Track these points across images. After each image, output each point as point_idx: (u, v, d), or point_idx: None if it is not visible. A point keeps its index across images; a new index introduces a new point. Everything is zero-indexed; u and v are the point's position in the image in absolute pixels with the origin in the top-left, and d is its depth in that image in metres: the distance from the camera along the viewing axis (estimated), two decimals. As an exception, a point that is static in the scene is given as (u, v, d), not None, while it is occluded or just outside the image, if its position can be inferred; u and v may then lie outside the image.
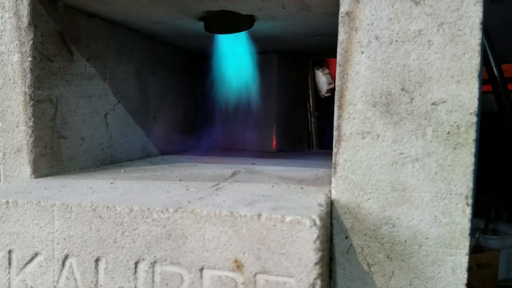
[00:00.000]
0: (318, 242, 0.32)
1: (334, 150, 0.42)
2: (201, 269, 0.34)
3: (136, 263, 0.35)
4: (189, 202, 0.37)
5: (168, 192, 0.42)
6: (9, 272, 0.37)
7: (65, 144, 0.55)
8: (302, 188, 0.45)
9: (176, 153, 0.83)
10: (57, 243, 0.36)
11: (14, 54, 0.48)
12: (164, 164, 0.66)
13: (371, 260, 0.41)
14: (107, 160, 0.64)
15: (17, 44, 0.48)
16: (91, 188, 0.43)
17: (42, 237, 0.37)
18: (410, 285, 0.40)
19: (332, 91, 1.52)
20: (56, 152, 0.53)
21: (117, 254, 0.35)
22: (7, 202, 0.37)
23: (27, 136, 0.49)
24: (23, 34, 0.48)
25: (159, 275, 0.35)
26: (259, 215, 0.33)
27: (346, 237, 0.41)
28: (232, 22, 0.58)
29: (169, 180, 0.50)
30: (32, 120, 0.49)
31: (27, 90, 0.49)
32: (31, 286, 0.37)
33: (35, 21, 0.48)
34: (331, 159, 0.43)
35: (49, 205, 0.36)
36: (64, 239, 0.36)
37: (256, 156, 0.81)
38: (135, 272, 0.35)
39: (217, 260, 0.34)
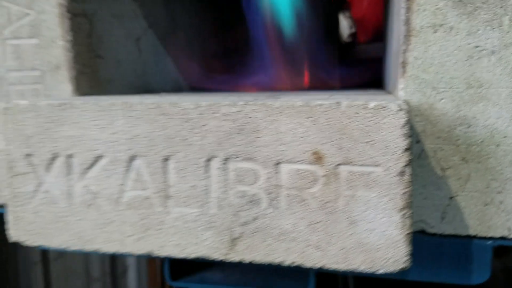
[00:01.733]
0: (406, 128, 0.30)
1: (402, 47, 0.39)
2: (277, 164, 0.32)
3: (208, 161, 0.33)
4: (255, 99, 0.34)
5: (229, 97, 0.40)
6: (70, 179, 0.36)
7: (102, 64, 0.52)
8: (367, 94, 0.43)
9: (207, 90, 0.80)
10: (121, 144, 0.34)
11: (47, -38, 0.45)
12: (203, 95, 0.64)
13: (445, 164, 0.39)
14: (142, 88, 0.61)
15: (49, -50, 0.44)
16: (145, 97, 0.41)
17: (104, 139, 0.35)
18: (487, 188, 0.38)
19: (353, 36, 1.46)
20: (95, 72, 0.50)
21: (187, 152, 0.33)
22: (63, 104, 0.35)
23: (66, 52, 0.46)
24: None
25: (233, 172, 0.33)
26: (338, 103, 0.31)
27: (418, 141, 0.39)
28: None
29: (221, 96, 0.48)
30: (70, 34, 0.46)
31: (63, 1, 0.45)
32: (96, 192, 0.35)
33: None
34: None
35: (109, 104, 0.34)
36: (129, 139, 0.34)
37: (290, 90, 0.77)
38: (207, 170, 0.33)
39: (294, 153, 0.32)
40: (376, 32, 1.45)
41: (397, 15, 0.44)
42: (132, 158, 0.34)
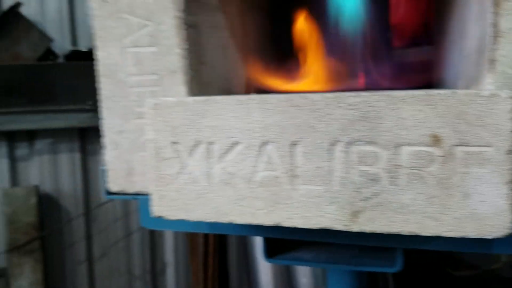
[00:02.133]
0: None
1: (490, 46, 0.44)
2: (397, 146, 0.37)
3: (332, 145, 0.39)
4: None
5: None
6: (210, 162, 0.42)
7: (204, 69, 0.58)
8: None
9: (272, 91, 0.86)
10: (255, 132, 0.40)
11: (167, -21, 0.52)
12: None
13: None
14: (227, 91, 0.68)
15: (170, -32, 0.51)
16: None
17: (240, 128, 0.41)
18: None
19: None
20: (200, 77, 0.57)
21: (314, 138, 0.39)
22: (207, 100, 0.41)
23: (182, 59, 0.53)
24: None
25: (355, 154, 0.38)
26: (454, 92, 0.36)
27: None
28: None
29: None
30: (185, 43, 0.53)
31: (179, 14, 0.52)
32: (232, 173, 0.41)
33: None
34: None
35: (246, 98, 0.40)
36: (262, 128, 0.40)
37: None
38: (331, 153, 0.39)
39: (413, 137, 0.37)
40: (412, 38, 1.49)
41: (479, 20, 0.49)
42: (264, 144, 0.40)
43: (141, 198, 0.56)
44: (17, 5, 1.78)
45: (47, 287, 1.94)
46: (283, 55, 0.99)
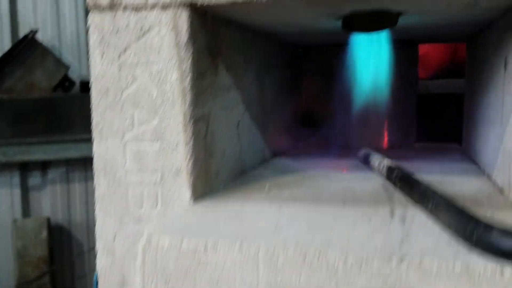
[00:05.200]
0: None
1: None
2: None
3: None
4: (400, 248, 0.33)
5: (354, 226, 0.39)
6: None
7: (213, 161, 0.52)
8: (492, 217, 0.41)
9: (287, 154, 0.80)
10: (265, 288, 0.34)
11: (173, 72, 0.46)
12: (293, 174, 0.63)
13: None
14: (239, 170, 0.62)
15: (176, 61, 0.46)
16: (267, 220, 0.41)
17: (245, 284, 0.34)
18: None
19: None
20: (207, 171, 0.51)
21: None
22: (205, 248, 0.35)
23: (187, 157, 0.47)
24: (182, 51, 0.45)
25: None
26: (502, 272, 0.29)
27: None
28: (378, 20, 0.53)
29: (329, 202, 0.47)
30: (192, 140, 0.47)
31: (187, 109, 0.46)
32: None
33: (193, 36, 0.46)
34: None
35: (252, 252, 0.34)
36: (270, 285, 0.34)
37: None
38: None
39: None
40: (439, 70, 1.43)
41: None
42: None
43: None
44: (32, 33, 1.76)
45: (56, 321, 1.90)
46: (311, 116, 0.93)
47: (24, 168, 1.93)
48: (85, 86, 1.90)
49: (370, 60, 0.78)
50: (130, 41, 0.46)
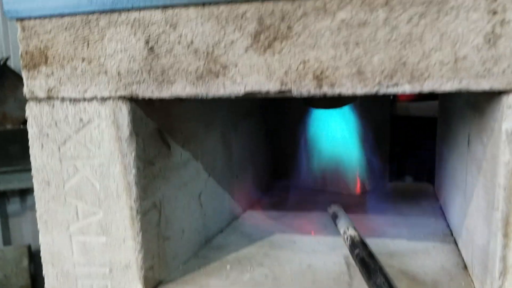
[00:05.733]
0: None
1: (497, 282, 0.35)
2: None
3: None
4: None
5: None
6: None
7: (169, 245, 0.50)
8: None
9: (259, 208, 0.78)
10: None
11: (115, 166, 0.44)
12: (259, 241, 0.61)
13: None
14: (202, 241, 0.59)
15: (118, 155, 0.43)
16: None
17: None
18: None
19: (394, 94, 1.43)
20: (162, 258, 0.49)
21: None
22: None
23: (136, 252, 0.45)
24: (124, 145, 0.43)
25: None
26: None
27: None
28: (338, 99, 0.52)
29: (290, 290, 0.45)
30: (140, 234, 0.45)
31: (133, 204, 0.44)
32: None
33: (136, 129, 0.43)
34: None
35: None
36: None
37: (342, 203, 0.73)
38: None
39: None
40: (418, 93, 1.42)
41: (487, 223, 0.40)
42: None
43: None
44: (3, 60, 1.72)
45: None
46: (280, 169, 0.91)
47: (2, 195, 1.90)
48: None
49: (337, 119, 0.76)
50: (70, 133, 0.44)
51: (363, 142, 0.82)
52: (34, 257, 1.89)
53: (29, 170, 1.68)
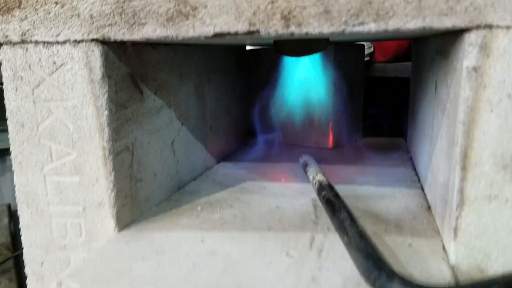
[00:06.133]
0: None
1: (455, 213, 0.38)
2: None
3: None
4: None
5: (269, 263, 0.40)
6: None
7: (141, 187, 0.52)
8: (410, 245, 0.42)
9: (232, 159, 0.80)
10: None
11: (88, 108, 0.45)
12: (230, 187, 0.63)
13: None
14: (175, 187, 0.62)
15: (90, 97, 0.44)
16: (186, 257, 0.41)
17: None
18: None
19: (371, 55, 1.44)
20: (135, 199, 0.51)
21: None
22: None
23: (109, 191, 0.47)
24: (96, 87, 0.44)
25: None
26: None
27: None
28: (308, 45, 0.53)
29: (255, 228, 0.48)
30: (112, 174, 0.46)
31: (105, 144, 0.45)
32: None
33: (108, 72, 0.44)
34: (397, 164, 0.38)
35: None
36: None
37: (314, 155, 0.76)
38: None
39: None
40: (395, 55, 1.44)
41: (448, 160, 0.43)
42: None
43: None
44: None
45: (21, 306, 1.91)
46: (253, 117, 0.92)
47: (-20, 155, 1.88)
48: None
49: (311, 67, 0.78)
50: (43, 76, 0.45)
51: (337, 98, 0.84)
52: (13, 216, 1.89)
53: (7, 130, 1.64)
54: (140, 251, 0.43)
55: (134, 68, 0.49)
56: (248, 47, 0.95)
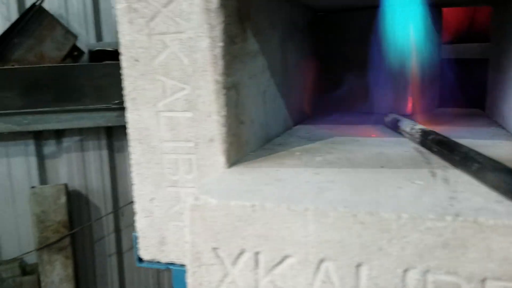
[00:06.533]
0: None
1: None
2: (483, 280, 0.31)
3: (405, 271, 0.33)
4: (451, 205, 0.34)
5: (398, 187, 0.39)
6: (256, 273, 0.37)
7: (243, 129, 0.52)
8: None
9: (309, 122, 0.80)
10: (311, 247, 0.35)
11: (203, 40, 0.45)
12: (320, 141, 0.63)
13: None
14: (264, 139, 0.62)
15: (206, 28, 0.45)
16: (308, 183, 0.41)
17: (293, 241, 0.35)
18: None
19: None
20: (239, 139, 0.51)
21: (382, 261, 0.33)
22: (254, 206, 0.36)
23: (220, 126, 0.47)
24: (212, 17, 0.44)
25: (431, 284, 0.33)
26: None
27: None
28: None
29: (366, 166, 0.47)
30: (224, 109, 0.47)
31: (218, 78, 0.46)
32: (281, 287, 0.36)
33: (222, 1, 0.45)
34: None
35: (302, 209, 0.34)
36: (320, 243, 0.35)
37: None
38: (403, 280, 0.33)
39: (504, 272, 0.31)
40: (457, 34, 1.40)
41: None
42: (321, 261, 0.35)
43: (175, 269, 0.52)
44: (39, 2, 1.73)
45: (77, 282, 1.98)
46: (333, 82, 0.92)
47: (39, 137, 1.95)
48: (94, 56, 1.89)
49: (399, 23, 0.76)
50: (159, 8, 0.45)
51: (429, 63, 0.82)
52: (70, 196, 1.96)
53: (66, 111, 1.73)
54: (259, 179, 0.43)
55: (241, 3, 0.49)
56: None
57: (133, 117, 0.49)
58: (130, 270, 2.16)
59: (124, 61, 0.48)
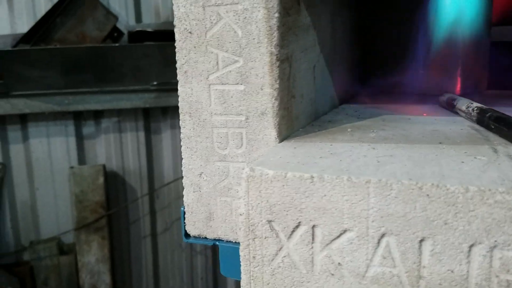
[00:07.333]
0: None
1: None
2: (559, 258, 0.30)
3: (471, 246, 0.32)
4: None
5: (461, 161, 0.37)
6: (312, 247, 0.36)
7: (294, 103, 0.52)
8: None
9: (353, 101, 0.78)
10: (372, 221, 0.34)
11: (259, 10, 0.44)
12: (369, 118, 0.61)
13: None
14: (313, 115, 0.61)
15: (262, -2, 0.44)
16: (366, 156, 0.40)
17: (353, 214, 0.34)
18: None
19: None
20: (290, 113, 0.50)
21: (447, 236, 0.32)
22: (312, 177, 0.35)
23: (273, 99, 0.46)
24: (269, -13, 0.44)
25: (499, 260, 0.31)
26: None
27: None
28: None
29: (423, 142, 0.45)
30: (278, 82, 0.46)
31: (273, 50, 0.45)
32: (339, 263, 0.35)
33: (280, -29, 0.44)
34: None
35: (363, 181, 0.34)
36: (381, 217, 0.34)
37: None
38: (469, 255, 0.32)
39: None
40: (505, 15, 1.33)
41: None
42: (382, 235, 0.34)
43: (222, 245, 0.52)
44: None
45: (113, 262, 2.04)
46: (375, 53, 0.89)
47: (78, 117, 2.01)
48: (133, 37, 1.91)
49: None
50: (215, -22, 0.45)
51: (467, 39, 0.79)
52: (108, 176, 2.02)
53: (105, 92, 1.78)
54: (314, 153, 0.42)
55: (296, -24, 0.48)
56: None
57: (184, 90, 0.49)
58: (163, 253, 2.21)
59: (178, 33, 0.48)
